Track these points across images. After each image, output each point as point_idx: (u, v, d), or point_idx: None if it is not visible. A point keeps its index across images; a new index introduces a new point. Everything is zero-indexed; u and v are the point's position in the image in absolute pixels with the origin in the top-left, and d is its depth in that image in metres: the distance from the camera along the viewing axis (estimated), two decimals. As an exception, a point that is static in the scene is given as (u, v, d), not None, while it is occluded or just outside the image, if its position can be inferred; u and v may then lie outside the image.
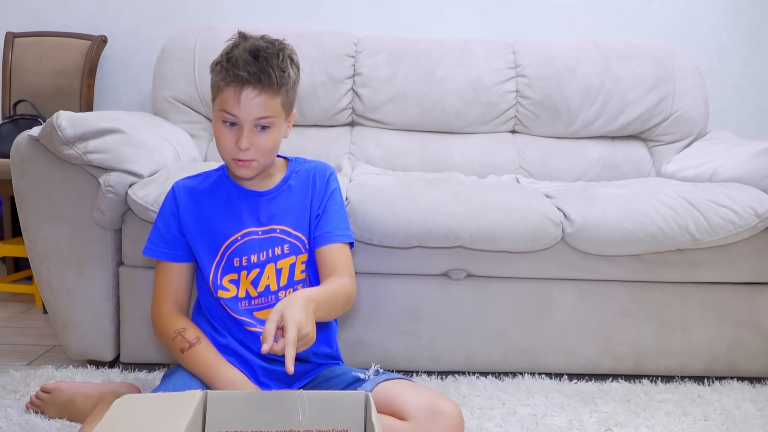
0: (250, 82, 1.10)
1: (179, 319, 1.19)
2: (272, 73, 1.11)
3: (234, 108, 1.11)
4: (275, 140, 1.16)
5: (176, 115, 2.15)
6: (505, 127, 2.24)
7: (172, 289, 1.22)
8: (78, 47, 2.44)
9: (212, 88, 1.16)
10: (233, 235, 1.19)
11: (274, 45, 1.14)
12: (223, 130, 1.14)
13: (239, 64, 1.10)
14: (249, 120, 1.12)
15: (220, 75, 1.13)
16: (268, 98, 1.12)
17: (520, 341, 1.63)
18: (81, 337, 1.59)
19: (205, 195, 1.23)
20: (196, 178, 1.26)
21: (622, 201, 1.59)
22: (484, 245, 1.54)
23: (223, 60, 1.13)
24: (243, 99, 1.10)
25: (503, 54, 2.23)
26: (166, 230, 1.22)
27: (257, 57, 1.11)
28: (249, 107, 1.11)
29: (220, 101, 1.13)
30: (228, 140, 1.14)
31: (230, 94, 1.11)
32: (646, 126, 2.21)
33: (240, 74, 1.09)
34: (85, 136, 1.47)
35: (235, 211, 1.21)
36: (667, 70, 2.21)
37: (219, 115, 1.13)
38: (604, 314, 1.63)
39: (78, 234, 1.55)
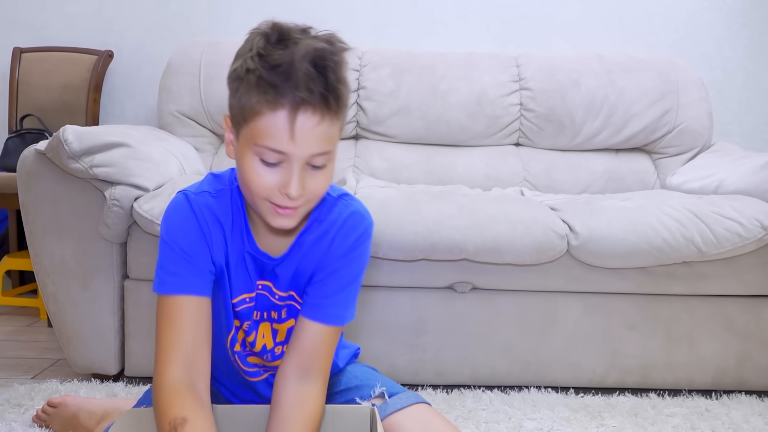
0: (311, 103, 0.78)
1: (182, 400, 0.84)
2: (341, 90, 0.81)
3: (283, 143, 0.79)
4: (330, 179, 0.86)
5: (181, 128, 2.16)
6: (509, 139, 2.24)
7: (186, 338, 0.88)
8: (84, 62, 2.46)
9: (239, 108, 0.82)
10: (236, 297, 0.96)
11: (334, 44, 0.82)
12: (258, 169, 0.82)
13: (298, 79, 0.77)
14: (303, 157, 0.81)
15: (257, 92, 0.79)
16: (330, 125, 0.81)
17: (526, 354, 1.62)
18: (86, 350, 1.59)
19: (227, 225, 0.93)
20: (213, 198, 0.93)
21: (627, 213, 1.59)
22: (489, 258, 1.54)
23: (262, 69, 0.79)
24: (299, 129, 0.79)
25: (507, 67, 2.24)
26: (189, 249, 0.89)
27: (323, 67, 0.79)
28: (306, 140, 0.79)
29: (257, 131, 0.80)
30: (267, 182, 0.82)
31: (277, 121, 0.78)
32: (651, 138, 2.21)
33: (300, 95, 0.77)
34: (92, 150, 1.48)
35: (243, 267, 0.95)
36: (670, 82, 2.21)
37: (254, 150, 0.81)
38: (610, 327, 1.62)
39: (83, 247, 1.55)
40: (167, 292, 0.89)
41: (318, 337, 0.94)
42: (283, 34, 0.81)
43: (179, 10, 2.54)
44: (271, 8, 2.54)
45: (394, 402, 1.01)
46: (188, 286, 0.89)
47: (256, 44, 0.81)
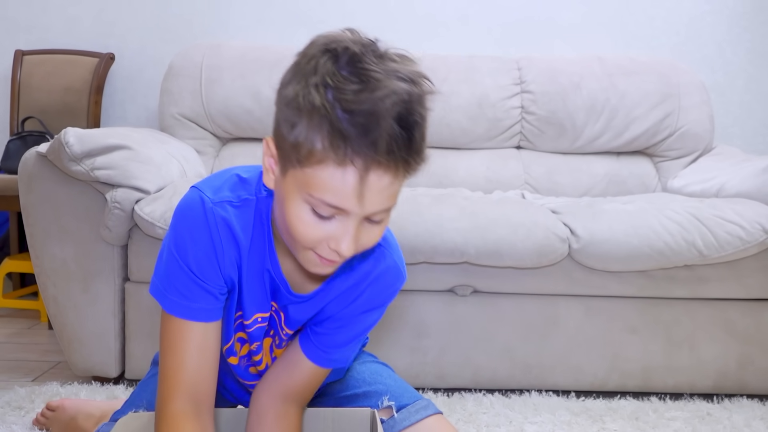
0: (385, 166, 0.68)
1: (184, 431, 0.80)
2: (423, 149, 0.71)
3: (346, 202, 0.69)
4: (383, 231, 0.77)
5: (183, 131, 2.16)
6: (511, 142, 2.24)
7: (192, 365, 0.81)
8: (86, 65, 2.46)
9: (294, 146, 0.70)
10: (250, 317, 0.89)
11: (421, 86, 0.70)
12: (307, 219, 0.72)
13: (380, 139, 0.66)
14: (363, 215, 0.71)
15: (325, 139, 0.67)
16: (401, 182, 0.71)
17: (527, 358, 1.62)
18: (86, 353, 1.59)
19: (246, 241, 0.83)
20: (234, 210, 0.81)
21: (628, 216, 1.59)
22: (491, 261, 1.54)
23: (335, 110, 0.66)
24: (368, 190, 0.69)
25: (508, 70, 2.24)
26: (200, 271, 0.80)
27: (410, 126, 0.68)
28: (373, 201, 0.70)
29: (315, 181, 0.69)
30: (316, 235, 0.72)
31: (344, 180, 0.68)
32: (652, 141, 2.21)
33: (378, 158, 0.67)
34: (93, 153, 1.48)
35: (261, 286, 0.87)
36: (672, 85, 2.21)
37: (306, 199, 0.71)
38: (612, 331, 1.62)
39: (84, 250, 1.55)
40: (176, 314, 0.81)
41: (314, 377, 0.92)
42: (358, 63, 0.68)
43: (180, 12, 2.54)
44: (272, 12, 2.54)
45: (402, 418, 0.97)
46: (199, 312, 0.81)
47: (323, 69, 0.68)
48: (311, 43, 0.73)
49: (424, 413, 0.97)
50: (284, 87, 0.72)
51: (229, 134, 2.21)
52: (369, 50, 0.70)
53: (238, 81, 2.16)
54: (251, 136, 2.20)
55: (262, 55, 2.19)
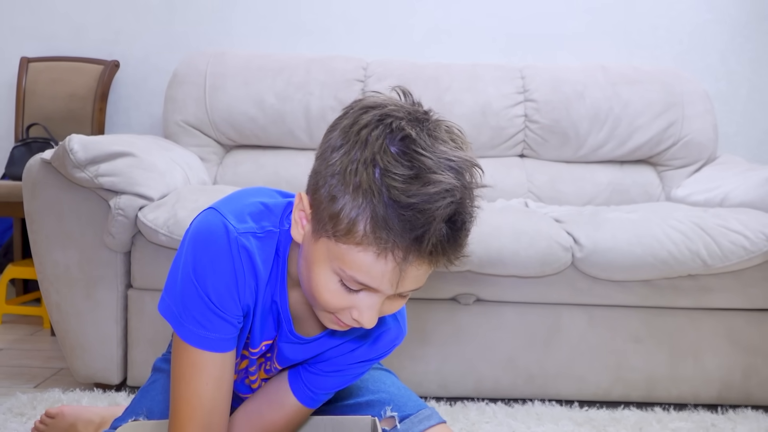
0: (426, 260, 0.68)
1: None
2: (464, 245, 0.71)
3: (379, 284, 0.69)
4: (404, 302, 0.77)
5: (186, 138, 2.17)
6: (514, 151, 2.24)
7: (207, 397, 0.79)
8: (91, 72, 2.47)
9: (332, 217, 0.68)
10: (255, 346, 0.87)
11: (472, 176, 0.70)
12: (333, 288, 0.71)
13: (428, 238, 0.65)
14: (393, 293, 0.71)
15: (369, 225, 0.66)
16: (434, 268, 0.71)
17: (530, 367, 1.61)
18: (88, 359, 1.59)
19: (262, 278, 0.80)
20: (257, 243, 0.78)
21: (632, 226, 1.58)
22: (493, 269, 1.53)
23: (385, 199, 0.65)
24: (404, 278, 0.68)
25: (512, 79, 2.24)
26: (220, 302, 0.77)
27: (459, 229, 0.68)
28: (407, 284, 0.70)
29: (350, 260, 0.68)
30: (340, 302, 0.72)
31: (383, 268, 0.67)
32: (655, 151, 2.20)
33: (422, 255, 0.67)
34: (97, 159, 1.48)
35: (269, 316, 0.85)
36: (675, 95, 2.21)
37: (337, 271, 0.70)
38: (615, 340, 1.61)
39: (87, 256, 1.55)
40: (192, 343, 0.77)
41: (297, 416, 0.91)
42: (411, 145, 0.66)
43: (185, 21, 2.55)
44: (275, 20, 2.55)
45: (405, 429, 0.95)
46: (216, 342, 0.78)
47: (374, 146, 0.66)
48: (364, 107, 0.70)
49: (427, 423, 0.96)
50: (330, 152, 0.69)
51: (233, 141, 2.21)
52: (424, 128, 0.68)
53: (241, 89, 2.16)
54: (254, 143, 2.21)
55: (265, 63, 2.20)
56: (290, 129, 2.16)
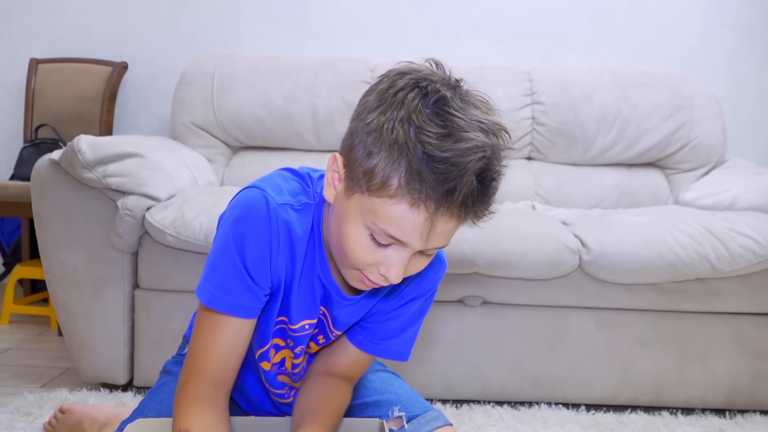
0: (457, 214, 0.71)
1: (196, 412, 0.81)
2: (492, 201, 0.75)
3: (410, 237, 0.72)
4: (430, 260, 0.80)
5: (194, 139, 2.17)
6: (521, 153, 2.24)
7: (220, 356, 0.83)
8: (99, 73, 2.49)
9: (366, 173, 0.71)
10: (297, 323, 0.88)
11: (503, 138, 0.73)
12: (364, 243, 0.74)
13: (459, 192, 0.69)
14: (421, 248, 0.74)
15: (404, 178, 0.69)
16: (461, 225, 0.75)
17: (537, 370, 1.60)
18: (95, 359, 1.59)
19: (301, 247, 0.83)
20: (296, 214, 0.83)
21: (640, 229, 1.57)
22: (500, 272, 1.53)
23: (420, 154, 0.68)
24: (433, 231, 0.72)
25: (519, 81, 2.24)
26: (252, 270, 0.80)
27: (488, 184, 0.72)
28: (436, 239, 0.73)
29: (383, 213, 0.71)
30: (369, 259, 0.75)
31: (414, 220, 0.70)
32: (664, 154, 2.19)
33: (453, 208, 0.70)
34: (105, 160, 1.49)
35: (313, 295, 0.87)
36: (684, 97, 2.20)
37: (368, 225, 0.73)
38: (622, 344, 1.60)
39: (95, 257, 1.56)
40: (215, 307, 0.81)
41: (360, 359, 0.95)
42: (445, 106, 0.70)
43: (193, 22, 2.56)
44: (284, 22, 2.56)
45: (412, 429, 0.96)
46: (239, 309, 0.81)
47: (410, 106, 0.70)
48: (399, 73, 0.74)
49: (434, 424, 0.97)
50: (367, 112, 0.73)
51: (240, 143, 2.22)
52: (456, 93, 0.72)
53: (249, 90, 2.17)
54: (262, 144, 2.21)
55: (273, 65, 2.21)
56: (297, 130, 2.16)
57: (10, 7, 2.58)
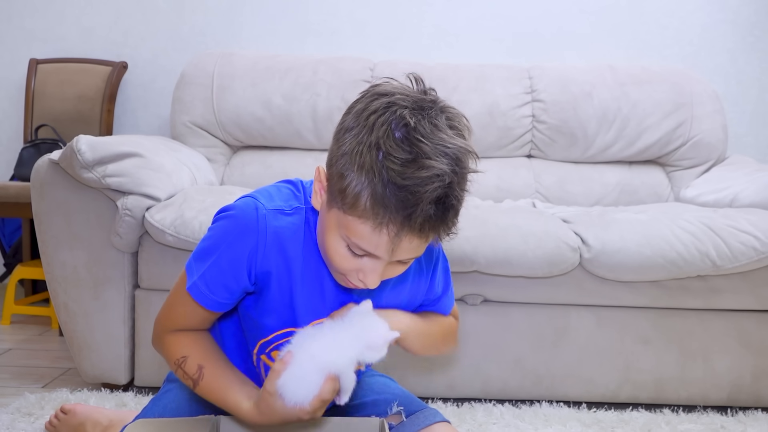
0: (417, 235, 0.77)
1: (179, 344, 0.93)
2: (454, 225, 0.81)
3: (378, 251, 0.78)
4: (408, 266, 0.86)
5: (194, 139, 2.18)
6: (521, 151, 2.24)
7: (191, 326, 0.94)
8: (99, 73, 2.49)
9: (341, 191, 0.77)
10: (309, 323, 0.89)
11: (463, 165, 0.77)
12: (342, 252, 0.81)
13: (416, 216, 0.74)
14: (392, 260, 0.81)
15: (369, 201, 0.75)
16: (429, 241, 0.81)
17: (538, 368, 1.60)
18: (96, 359, 1.59)
19: (294, 251, 0.88)
20: (288, 230, 0.87)
21: (641, 226, 1.57)
22: (501, 270, 1.53)
23: (383, 179, 0.73)
24: (398, 249, 0.78)
25: (519, 79, 2.24)
26: (234, 278, 0.87)
27: (446, 208, 0.77)
28: (403, 254, 0.80)
29: (354, 229, 0.77)
30: (347, 265, 0.82)
31: (379, 238, 0.77)
32: (664, 151, 2.19)
33: (412, 231, 0.76)
34: (104, 160, 1.49)
35: (323, 299, 0.92)
36: (684, 95, 2.20)
37: (343, 237, 0.80)
38: (624, 341, 1.60)
39: (95, 257, 1.56)
40: (195, 297, 0.89)
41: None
42: (413, 132, 0.74)
43: (193, 22, 2.57)
44: (283, 22, 2.56)
45: (412, 422, 0.98)
46: (214, 304, 0.90)
47: (379, 131, 0.75)
48: (375, 94, 0.79)
49: (432, 419, 0.99)
50: (343, 132, 0.79)
51: (240, 142, 2.22)
52: (426, 116, 0.76)
53: (249, 89, 2.17)
54: (262, 144, 2.21)
55: (273, 64, 2.21)
56: (297, 130, 2.16)
57: (10, 8, 2.58)
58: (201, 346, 0.93)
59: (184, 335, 0.93)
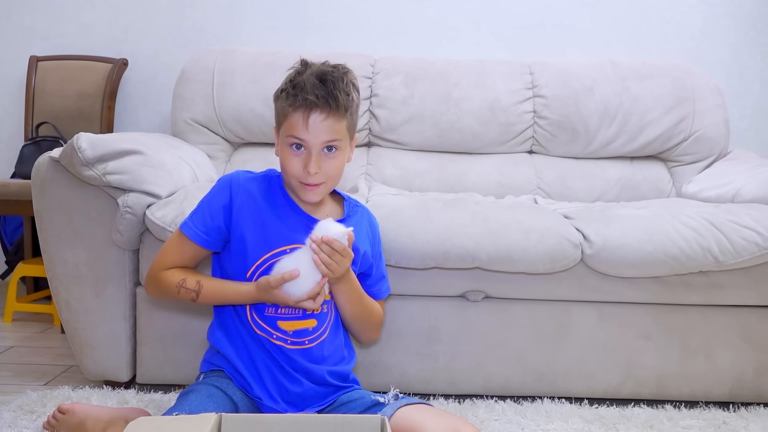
0: (318, 105, 1.14)
1: (175, 273, 1.24)
2: (339, 96, 1.15)
3: (302, 132, 1.15)
4: (342, 163, 1.21)
5: (195, 136, 2.17)
6: (523, 147, 2.23)
7: (181, 262, 1.25)
8: (99, 70, 2.48)
9: (278, 115, 1.21)
10: (282, 246, 1.20)
11: (338, 69, 1.19)
12: (290, 155, 1.18)
13: (307, 88, 1.14)
14: (317, 144, 1.16)
15: (287, 101, 1.16)
16: (335, 121, 1.16)
17: (539, 364, 1.60)
18: (98, 357, 1.59)
19: (263, 199, 1.23)
20: (255, 180, 1.26)
21: (643, 222, 1.57)
22: (502, 266, 1.53)
23: (288, 87, 1.17)
24: (311, 123, 1.15)
25: (520, 74, 2.23)
26: (210, 217, 1.23)
27: (324, 81, 1.15)
28: (317, 131, 1.15)
29: (287, 127, 1.17)
30: (296, 165, 1.18)
31: (298, 118, 1.15)
32: (666, 146, 2.19)
33: (308, 98, 1.14)
34: (105, 158, 1.49)
35: (290, 226, 1.22)
36: (686, 89, 2.19)
37: (286, 141, 1.18)
38: (625, 337, 1.60)
39: (96, 254, 1.56)
40: (183, 230, 1.25)
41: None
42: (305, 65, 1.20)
43: (193, 19, 2.56)
44: (284, 18, 2.55)
45: (403, 401, 1.17)
46: (196, 236, 1.24)
47: (288, 75, 1.20)
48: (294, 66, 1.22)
49: (414, 400, 1.19)
50: (276, 92, 1.23)
51: (241, 139, 2.21)
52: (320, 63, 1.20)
53: (249, 86, 2.16)
54: (262, 140, 2.21)
55: (273, 60, 2.20)
56: (298, 126, 2.15)
57: (9, 5, 2.57)
58: (195, 272, 1.27)
59: (179, 269, 1.25)
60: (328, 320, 1.26)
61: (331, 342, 1.26)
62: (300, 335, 1.22)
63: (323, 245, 1.12)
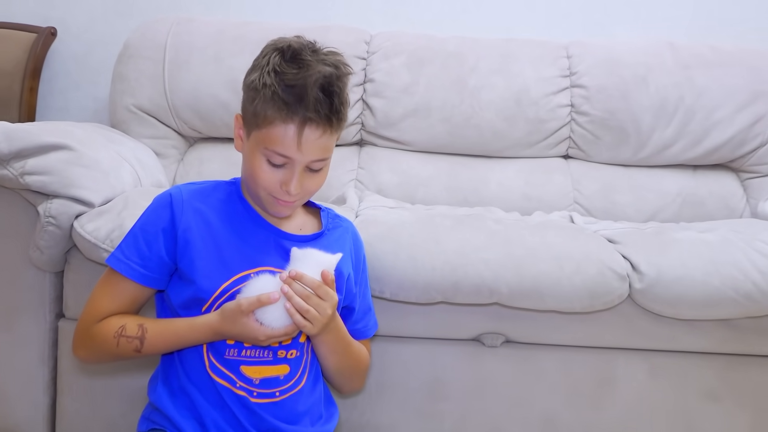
0: (315, 121, 1.14)
1: (111, 321, 1.22)
2: (342, 110, 1.17)
3: (290, 150, 1.15)
4: (324, 179, 1.24)
5: (139, 128, 2.18)
6: (557, 150, 2.24)
7: (118, 309, 1.23)
8: (20, 41, 2.49)
9: (254, 114, 1.17)
10: (246, 270, 1.20)
11: (340, 69, 1.18)
12: (264, 167, 1.18)
13: (308, 102, 1.13)
14: (305, 162, 1.17)
15: (273, 106, 1.14)
16: (329, 137, 1.18)
17: (574, 428, 1.61)
18: (7, 409, 1.59)
19: (216, 214, 1.24)
20: (203, 192, 1.26)
21: (707, 249, 1.58)
22: (528, 303, 1.53)
23: (279, 86, 1.14)
24: (304, 141, 1.15)
25: (555, 58, 2.25)
26: (146, 245, 1.21)
27: (330, 93, 1.15)
28: (309, 150, 1.16)
29: (269, 138, 1.16)
30: (271, 179, 1.18)
31: (286, 133, 1.14)
32: (738, 153, 2.20)
33: (308, 115, 1.13)
34: (23, 153, 1.49)
35: (254, 244, 1.23)
36: (765, 82, 2.21)
37: (263, 152, 1.17)
38: (684, 397, 1.60)
39: (7, 277, 1.56)
40: (111, 264, 1.23)
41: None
42: (296, 54, 1.17)
43: (141, -22, 2.57)
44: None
45: None
46: (126, 268, 1.22)
47: (272, 60, 1.17)
48: (266, 45, 1.21)
49: None
50: (247, 76, 1.22)
51: (198, 133, 2.22)
52: (307, 47, 1.18)
53: (211, 65, 2.17)
54: (226, 135, 2.21)
55: (243, 33, 2.21)
56: (271, 118, 2.16)
57: None
58: (137, 316, 1.26)
59: (115, 316, 1.23)
60: (304, 365, 1.25)
61: (309, 394, 1.26)
62: (268, 385, 1.21)
63: (295, 284, 1.12)
